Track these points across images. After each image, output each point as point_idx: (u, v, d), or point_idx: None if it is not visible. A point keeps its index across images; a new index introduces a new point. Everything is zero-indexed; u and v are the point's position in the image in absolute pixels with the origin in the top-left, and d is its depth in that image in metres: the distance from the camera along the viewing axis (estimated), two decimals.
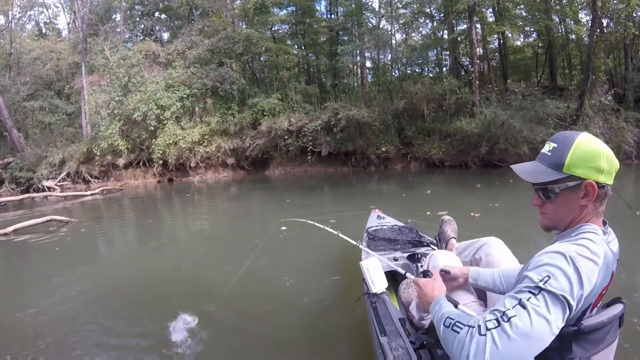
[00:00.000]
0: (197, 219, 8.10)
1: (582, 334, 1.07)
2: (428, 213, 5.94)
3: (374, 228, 3.20)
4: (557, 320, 0.94)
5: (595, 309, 1.14)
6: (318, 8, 19.75)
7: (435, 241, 2.80)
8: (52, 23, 26.03)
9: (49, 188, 14.62)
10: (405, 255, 2.55)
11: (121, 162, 15.40)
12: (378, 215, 3.69)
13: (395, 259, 2.49)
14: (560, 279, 0.97)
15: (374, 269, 2.02)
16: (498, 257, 1.82)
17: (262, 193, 11.07)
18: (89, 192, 13.10)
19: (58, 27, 26.13)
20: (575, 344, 1.07)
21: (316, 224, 2.81)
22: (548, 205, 1.20)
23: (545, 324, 0.93)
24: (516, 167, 1.24)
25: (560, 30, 15.37)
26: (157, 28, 20.92)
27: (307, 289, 3.39)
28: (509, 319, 0.93)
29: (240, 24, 18.21)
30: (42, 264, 5.15)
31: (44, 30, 25.07)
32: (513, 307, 0.96)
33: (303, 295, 3.27)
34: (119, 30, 19.24)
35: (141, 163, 15.60)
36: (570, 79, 15.05)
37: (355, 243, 2.52)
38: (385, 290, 2.01)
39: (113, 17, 20.78)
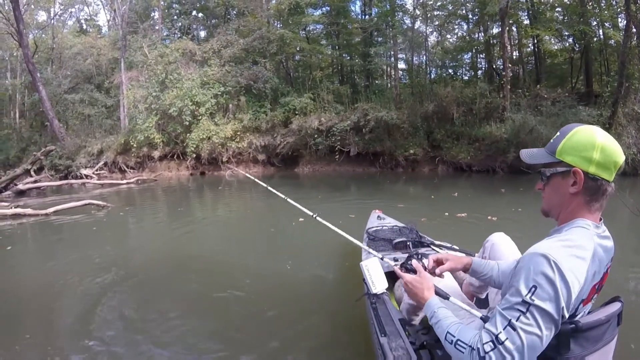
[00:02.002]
0: (227, 209, 8.90)
1: (580, 331, 1.11)
2: (446, 214, 6.27)
3: (374, 228, 3.32)
4: (548, 332, 1.04)
5: (589, 304, 1.19)
6: (352, 9, 20.61)
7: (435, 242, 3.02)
8: (93, 20, 28.39)
9: (86, 176, 16.09)
10: (405, 255, 2.56)
11: (156, 154, 16.96)
12: (378, 216, 3.84)
13: (396, 260, 2.50)
14: (547, 287, 1.03)
15: (374, 270, 2.06)
16: (502, 247, 1.94)
17: (291, 189, 11.68)
18: (124, 181, 14.26)
19: (98, 24, 28.46)
20: (573, 342, 1.11)
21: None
22: (546, 188, 1.29)
23: (537, 339, 1.02)
24: (523, 151, 1.35)
25: (598, 35, 15.51)
26: (194, 27, 22.50)
27: (307, 289, 3.54)
28: (502, 343, 1.03)
29: (275, 24, 19.35)
30: (80, 240, 5.82)
31: (84, 27, 27.32)
32: (504, 329, 1.04)
33: (302, 296, 3.40)
34: (157, 28, 20.90)
35: (175, 156, 17.08)
36: (606, 86, 15.10)
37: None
38: (385, 291, 2.07)
39: (152, 16, 22.57)
